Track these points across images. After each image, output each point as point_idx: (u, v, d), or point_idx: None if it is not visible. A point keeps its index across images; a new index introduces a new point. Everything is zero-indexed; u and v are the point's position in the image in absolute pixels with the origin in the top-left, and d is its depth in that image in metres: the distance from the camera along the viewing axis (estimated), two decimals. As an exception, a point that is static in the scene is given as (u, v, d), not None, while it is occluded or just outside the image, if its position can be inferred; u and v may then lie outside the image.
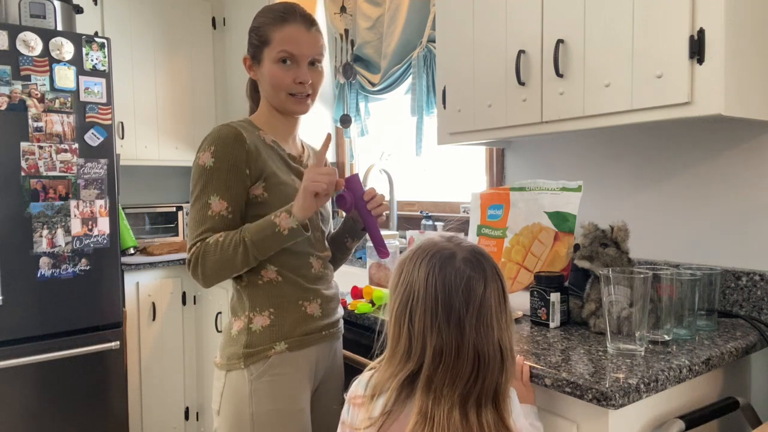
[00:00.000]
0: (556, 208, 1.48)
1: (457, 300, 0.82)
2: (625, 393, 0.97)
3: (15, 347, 2.23)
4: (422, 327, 0.82)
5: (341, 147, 3.01)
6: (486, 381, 0.81)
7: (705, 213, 1.50)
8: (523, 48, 1.51)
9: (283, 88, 1.26)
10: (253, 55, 1.30)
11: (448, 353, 0.81)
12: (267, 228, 1.16)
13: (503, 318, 0.84)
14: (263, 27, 1.27)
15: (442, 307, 0.82)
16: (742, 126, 1.41)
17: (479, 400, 0.80)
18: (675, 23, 1.18)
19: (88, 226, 2.38)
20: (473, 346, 0.81)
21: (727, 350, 1.18)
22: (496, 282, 0.85)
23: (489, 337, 0.81)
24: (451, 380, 0.80)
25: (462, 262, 0.85)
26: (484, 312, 0.82)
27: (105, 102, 2.42)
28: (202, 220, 1.20)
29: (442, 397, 0.80)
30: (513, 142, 2.01)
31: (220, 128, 1.22)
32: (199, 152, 1.21)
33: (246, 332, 1.23)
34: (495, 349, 0.81)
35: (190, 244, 1.20)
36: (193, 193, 1.22)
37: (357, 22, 2.62)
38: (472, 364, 0.81)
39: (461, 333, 0.81)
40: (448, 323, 0.81)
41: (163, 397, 2.80)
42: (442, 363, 0.81)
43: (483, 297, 0.82)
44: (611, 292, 1.15)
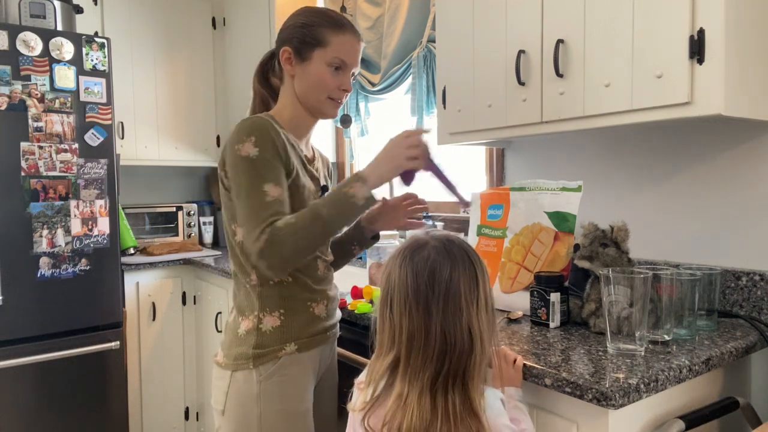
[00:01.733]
0: (556, 208, 1.48)
1: (423, 284, 0.86)
2: (625, 393, 0.97)
3: (15, 347, 2.23)
4: (398, 314, 0.86)
5: (341, 147, 3.01)
6: (453, 364, 0.83)
7: (705, 213, 1.50)
8: (523, 48, 1.51)
9: (327, 91, 1.28)
10: (298, 51, 1.27)
11: (419, 337, 0.84)
12: (340, 199, 1.15)
13: (474, 303, 0.86)
14: (319, 27, 1.26)
15: (412, 293, 0.86)
16: (742, 126, 1.41)
17: (446, 382, 0.83)
18: (675, 23, 1.18)
19: (88, 226, 2.38)
20: (441, 328, 0.84)
21: (727, 350, 1.18)
22: (468, 268, 0.88)
23: (457, 321, 0.84)
24: (423, 363, 0.84)
25: (431, 249, 0.89)
26: (452, 296, 0.85)
27: (105, 102, 2.42)
28: (262, 206, 1.13)
29: (415, 380, 0.83)
30: (513, 142, 2.01)
31: (254, 119, 1.19)
32: (236, 144, 1.16)
33: (255, 332, 1.22)
34: (463, 333, 0.84)
35: (257, 232, 1.11)
36: (241, 187, 1.15)
37: (357, 22, 2.62)
38: (440, 347, 0.83)
39: (429, 316, 0.84)
40: (417, 308, 0.85)
41: (163, 397, 2.80)
42: (413, 347, 0.84)
43: (449, 281, 0.85)
44: (611, 292, 1.15)
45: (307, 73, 1.27)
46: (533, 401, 1.12)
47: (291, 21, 1.31)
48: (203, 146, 3.23)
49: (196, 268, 2.81)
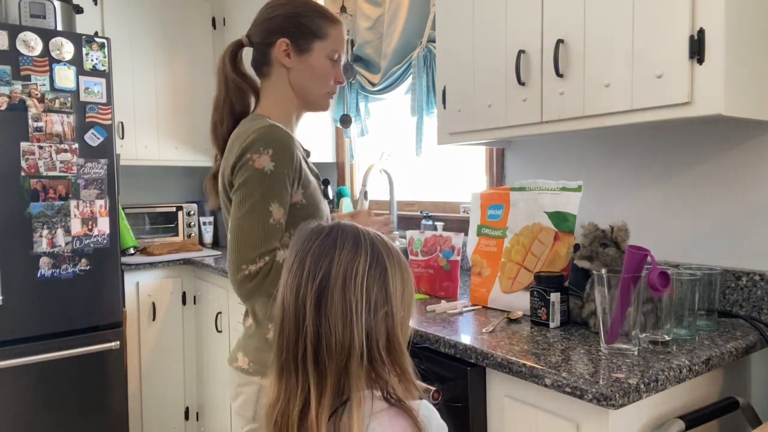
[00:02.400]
0: (556, 208, 1.48)
1: (303, 271, 0.75)
2: (625, 393, 0.97)
3: (15, 347, 2.23)
4: (279, 302, 0.77)
5: (341, 147, 3.01)
6: (325, 368, 0.71)
7: (705, 213, 1.50)
8: (523, 48, 1.51)
9: (327, 85, 1.28)
10: (297, 43, 1.23)
11: (289, 332, 0.74)
12: None
13: (361, 301, 0.72)
14: (316, 19, 1.24)
15: (292, 278, 0.75)
16: (742, 126, 1.41)
17: (288, 363, 0.73)
18: (675, 23, 1.18)
19: (88, 226, 2.38)
20: (281, 299, 0.74)
21: (727, 350, 1.18)
22: (354, 258, 0.74)
23: (293, 295, 0.73)
24: (294, 362, 0.73)
25: (311, 228, 0.79)
26: (298, 268, 0.74)
27: (105, 102, 2.42)
28: (266, 231, 1.12)
29: (284, 377, 0.74)
30: (513, 142, 2.01)
31: (272, 128, 1.15)
32: (253, 153, 1.12)
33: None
34: (298, 312, 0.72)
35: (255, 253, 1.11)
36: (248, 199, 1.12)
37: (357, 22, 2.62)
38: (279, 319, 0.74)
39: (303, 311, 0.73)
40: (292, 298, 0.75)
41: (163, 397, 2.80)
42: (285, 342, 0.74)
43: (329, 272, 0.73)
44: (605, 293, 1.15)
45: (307, 65, 1.25)
46: (533, 401, 1.13)
47: (280, 10, 1.25)
48: (203, 146, 3.22)
49: (196, 268, 2.81)
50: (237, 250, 1.12)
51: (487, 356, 1.18)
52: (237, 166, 1.15)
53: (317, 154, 2.98)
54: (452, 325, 1.40)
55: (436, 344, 1.30)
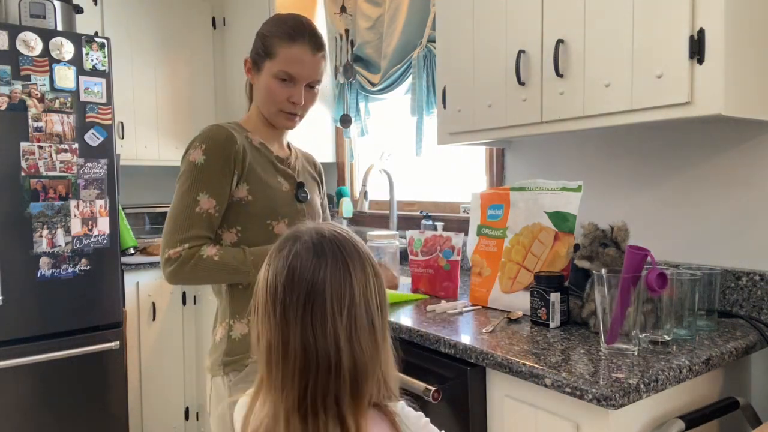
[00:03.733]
0: (556, 208, 1.48)
1: (280, 285, 0.71)
2: (625, 393, 0.97)
3: (15, 347, 2.23)
4: (258, 320, 0.73)
5: (341, 147, 3.01)
6: (319, 383, 0.68)
7: (705, 213, 1.50)
8: (523, 48, 1.50)
9: (276, 103, 1.28)
10: (254, 61, 1.30)
11: (276, 349, 0.70)
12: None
13: (352, 314, 0.70)
14: (271, 38, 1.26)
15: (270, 296, 0.72)
16: (742, 126, 1.41)
17: (315, 404, 0.69)
18: (675, 23, 1.18)
19: (88, 226, 2.38)
20: (300, 340, 0.69)
21: (727, 350, 1.18)
22: (339, 267, 0.72)
23: (319, 332, 0.68)
24: (284, 382, 0.70)
25: (300, 244, 0.74)
26: (316, 302, 0.69)
27: (105, 102, 2.42)
28: (189, 218, 1.19)
29: (280, 401, 0.70)
30: (513, 142, 2.01)
31: (211, 128, 1.24)
32: (190, 149, 1.22)
33: (227, 340, 1.25)
34: (328, 347, 0.68)
35: (175, 240, 1.17)
36: (179, 188, 1.22)
37: (357, 22, 2.62)
38: (301, 363, 0.69)
39: (286, 325, 0.70)
40: (275, 314, 0.71)
41: (163, 397, 2.80)
42: (272, 361, 0.71)
43: (312, 284, 0.70)
44: (605, 293, 1.15)
45: (259, 84, 1.30)
46: (533, 401, 1.13)
47: (260, 29, 1.32)
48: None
49: (196, 268, 2.81)
50: (163, 235, 1.20)
51: (487, 356, 1.18)
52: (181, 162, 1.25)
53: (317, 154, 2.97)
54: (452, 325, 1.40)
55: (436, 344, 1.30)
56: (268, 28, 1.29)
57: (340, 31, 2.71)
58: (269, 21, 1.31)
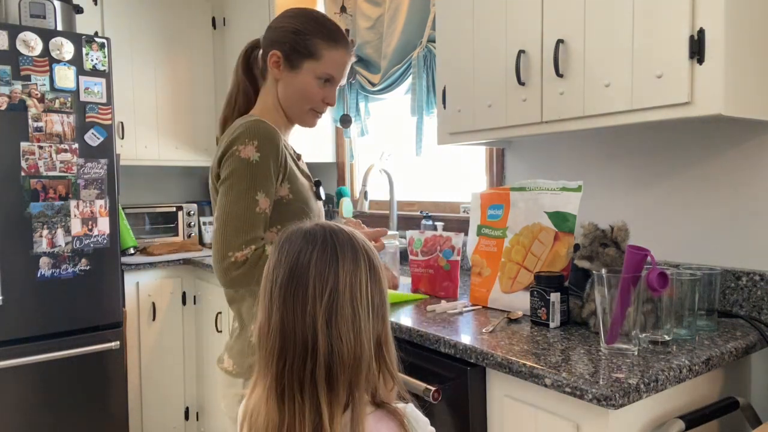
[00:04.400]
0: (556, 208, 1.48)
1: (270, 269, 0.75)
2: (625, 393, 0.97)
3: (15, 347, 2.23)
4: (259, 305, 0.76)
5: (341, 147, 3.01)
6: (294, 366, 0.69)
7: (705, 213, 1.50)
8: (523, 48, 1.51)
9: (310, 102, 1.29)
10: (288, 57, 1.26)
11: (263, 331, 0.73)
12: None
13: (325, 295, 0.71)
14: (313, 38, 1.25)
15: (265, 279, 0.75)
16: (742, 126, 1.41)
17: (292, 385, 0.70)
18: (675, 23, 1.18)
19: (88, 226, 2.38)
20: (278, 321, 0.71)
21: (727, 350, 1.18)
22: (326, 251, 0.73)
23: (298, 314, 0.70)
24: (266, 361, 0.72)
25: (296, 230, 0.77)
26: (295, 285, 0.71)
27: (105, 102, 2.42)
28: (252, 218, 1.14)
29: (262, 378, 0.73)
30: (513, 142, 2.01)
31: (258, 123, 1.18)
32: (238, 145, 1.16)
33: None
34: (305, 330, 0.69)
35: (240, 243, 1.12)
36: (234, 187, 1.15)
37: (357, 22, 2.62)
38: (279, 344, 0.71)
39: (271, 307, 0.72)
40: (264, 297, 0.74)
41: (163, 397, 2.80)
42: (260, 342, 0.73)
43: (297, 265, 0.72)
44: (605, 293, 1.15)
45: (294, 82, 1.27)
46: (533, 401, 1.13)
47: (284, 23, 1.28)
48: (203, 146, 3.22)
49: (196, 268, 2.81)
50: (223, 237, 1.14)
51: (487, 356, 1.18)
52: (224, 157, 1.18)
53: (317, 154, 2.98)
54: (452, 325, 1.40)
55: (436, 344, 1.30)
56: (303, 26, 1.25)
57: (340, 31, 2.71)
58: (300, 16, 1.27)
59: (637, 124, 1.30)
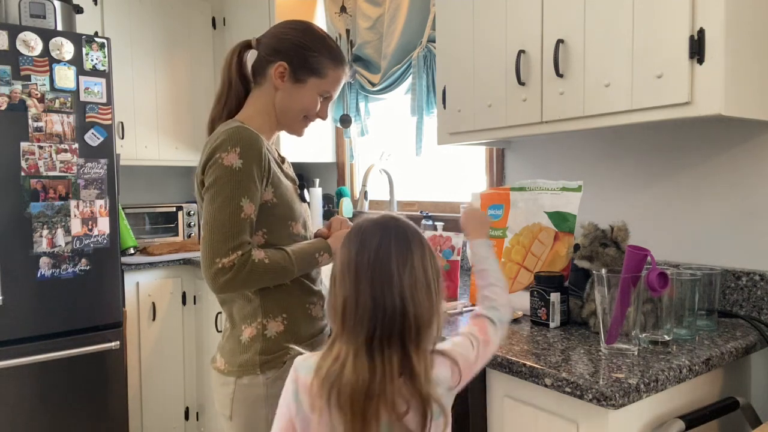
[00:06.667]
0: (556, 208, 1.48)
1: (354, 254, 0.89)
2: (625, 393, 0.97)
3: (15, 347, 2.22)
4: (337, 286, 0.90)
5: (341, 147, 3.01)
6: (385, 326, 0.85)
7: (705, 213, 1.50)
8: (523, 48, 1.50)
9: (305, 114, 1.33)
10: (294, 72, 1.29)
11: (350, 303, 0.87)
12: (310, 263, 1.26)
13: (405, 271, 0.88)
14: (320, 56, 1.29)
15: (346, 264, 0.89)
16: (742, 126, 1.41)
17: (381, 343, 0.85)
18: (675, 23, 1.18)
19: (88, 226, 2.38)
20: (370, 293, 0.86)
21: (727, 350, 1.18)
22: (400, 239, 0.90)
23: (385, 287, 0.86)
24: (355, 326, 0.86)
25: (367, 224, 0.92)
26: (380, 263, 0.87)
27: (105, 102, 2.42)
28: (237, 225, 1.16)
29: (351, 342, 0.86)
30: (513, 142, 2.01)
31: (239, 129, 1.20)
32: (221, 152, 1.18)
33: (261, 339, 1.23)
34: (394, 298, 0.85)
35: (227, 249, 1.15)
36: (219, 195, 1.17)
37: (357, 22, 2.62)
38: (371, 312, 0.85)
39: (359, 283, 0.87)
40: (349, 276, 0.88)
41: (163, 397, 2.80)
42: (346, 313, 0.87)
43: (378, 249, 0.88)
44: (605, 293, 1.15)
45: (296, 94, 1.30)
46: (533, 401, 1.13)
47: (290, 35, 1.30)
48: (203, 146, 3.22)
49: (196, 268, 2.81)
50: (210, 244, 1.17)
51: (487, 356, 1.18)
52: (207, 165, 1.20)
53: (317, 154, 2.98)
54: (452, 325, 1.40)
55: (436, 344, 1.30)
56: (312, 43, 1.29)
57: (340, 31, 2.71)
58: (307, 32, 1.31)
59: (637, 124, 1.30)
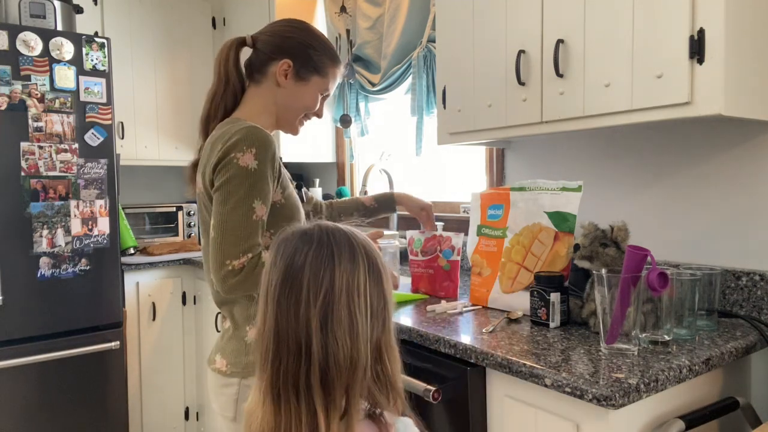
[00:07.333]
0: (556, 208, 1.48)
1: (268, 269, 0.73)
2: (625, 393, 0.97)
3: (15, 347, 2.23)
4: (271, 326, 0.72)
5: (341, 147, 3.01)
6: (289, 368, 0.68)
7: (705, 213, 1.50)
8: (523, 48, 1.50)
9: (305, 112, 1.36)
10: (298, 70, 1.30)
11: (260, 330, 0.71)
12: None
13: (320, 295, 0.68)
14: (321, 57, 1.32)
15: (263, 284, 0.73)
16: (742, 126, 1.41)
17: (287, 390, 0.68)
18: (675, 23, 1.18)
19: (88, 226, 2.38)
20: (274, 322, 0.69)
21: (727, 350, 1.18)
22: (320, 251, 0.71)
23: (291, 316, 0.68)
24: (262, 362, 0.70)
25: (293, 230, 0.75)
26: (290, 284, 0.69)
27: (105, 102, 2.42)
28: (249, 226, 1.15)
29: (260, 380, 0.71)
30: (513, 142, 2.01)
31: (255, 130, 1.18)
32: (236, 152, 1.15)
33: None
34: (298, 332, 0.67)
35: (238, 251, 1.13)
36: (232, 195, 1.15)
37: (357, 22, 2.62)
38: (274, 346, 0.69)
39: (266, 306, 0.71)
40: (263, 297, 0.72)
41: (163, 397, 2.80)
42: (259, 342, 0.71)
43: (290, 267, 0.70)
44: (605, 293, 1.15)
45: (298, 93, 1.31)
46: (533, 401, 1.13)
47: (293, 34, 1.31)
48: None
49: (196, 267, 2.81)
50: (220, 246, 1.15)
51: (487, 356, 1.18)
52: (220, 165, 1.18)
53: (317, 154, 2.98)
54: (452, 325, 1.40)
55: (436, 344, 1.30)
56: (314, 42, 1.31)
57: (340, 31, 2.71)
58: (308, 32, 1.32)
59: (637, 124, 1.30)
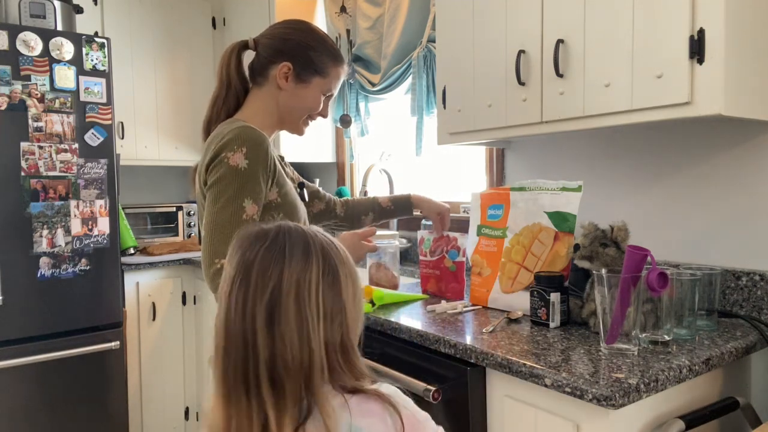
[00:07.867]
0: (556, 208, 1.48)
1: (227, 268, 0.71)
2: (625, 393, 0.97)
3: (15, 347, 2.22)
4: (221, 321, 0.71)
5: (341, 147, 3.01)
6: (238, 366, 0.66)
7: (705, 213, 1.50)
8: (523, 48, 1.50)
9: (309, 113, 1.35)
10: (298, 72, 1.30)
11: (237, 354, 0.68)
12: None
13: (267, 292, 0.66)
14: (321, 56, 1.31)
15: (236, 294, 0.69)
16: (742, 126, 1.41)
17: (237, 388, 0.66)
18: (675, 23, 1.18)
19: (88, 226, 2.38)
20: (224, 321, 0.68)
21: (727, 350, 1.18)
22: (274, 247, 0.69)
23: (237, 313, 0.66)
24: (215, 360, 0.69)
25: (252, 228, 0.74)
26: (240, 280, 0.68)
27: (105, 102, 2.42)
28: (238, 225, 1.15)
29: (213, 379, 0.70)
30: (513, 142, 2.01)
31: (247, 129, 1.19)
32: (227, 152, 1.17)
33: None
34: (245, 329, 0.66)
35: (227, 249, 1.11)
36: (222, 194, 1.16)
37: (357, 22, 2.62)
38: (223, 343, 0.67)
39: (220, 306, 0.70)
40: (220, 294, 0.71)
41: (163, 397, 2.80)
42: (232, 366, 0.68)
43: (242, 261, 0.69)
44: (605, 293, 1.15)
45: (300, 94, 1.31)
46: (533, 401, 1.13)
47: (293, 35, 1.31)
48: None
49: (196, 267, 2.81)
50: (210, 244, 1.18)
51: (487, 356, 1.18)
52: (212, 165, 1.20)
53: (317, 154, 2.98)
54: (452, 325, 1.40)
55: (436, 344, 1.30)
56: (314, 43, 1.31)
57: (340, 31, 2.71)
58: (308, 33, 1.32)
59: (638, 124, 1.30)
